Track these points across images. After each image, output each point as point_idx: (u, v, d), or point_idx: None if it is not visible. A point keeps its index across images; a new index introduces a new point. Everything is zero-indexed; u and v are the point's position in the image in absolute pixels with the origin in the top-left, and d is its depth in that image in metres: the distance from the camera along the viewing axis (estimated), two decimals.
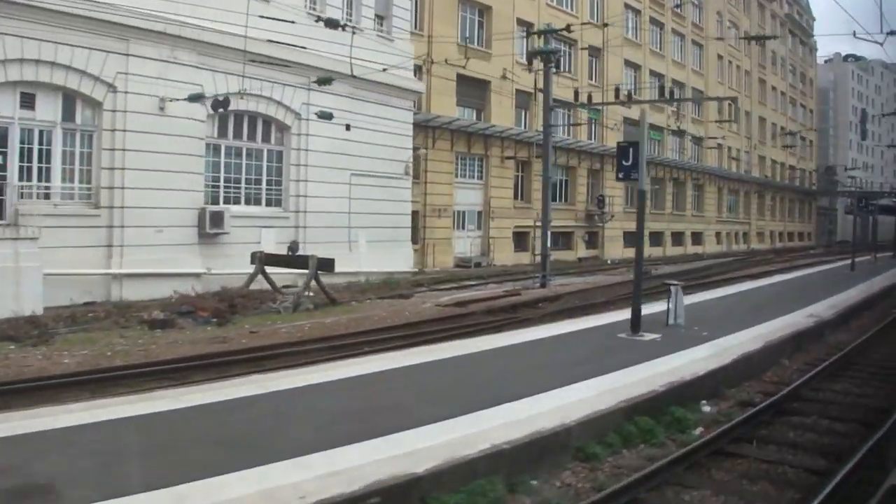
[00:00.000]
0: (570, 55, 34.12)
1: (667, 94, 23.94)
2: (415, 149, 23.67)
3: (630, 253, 36.27)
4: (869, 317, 15.80)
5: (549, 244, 21.69)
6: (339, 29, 13.87)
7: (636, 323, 10.73)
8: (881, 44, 14.04)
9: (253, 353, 11.13)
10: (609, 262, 31.78)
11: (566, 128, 33.24)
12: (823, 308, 14.83)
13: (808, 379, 9.48)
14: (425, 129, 25.99)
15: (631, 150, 10.84)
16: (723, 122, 39.68)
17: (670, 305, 11.62)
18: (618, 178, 11.36)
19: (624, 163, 10.88)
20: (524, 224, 30.46)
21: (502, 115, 29.23)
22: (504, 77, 28.95)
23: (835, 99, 78.38)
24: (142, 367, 10.34)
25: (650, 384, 7.82)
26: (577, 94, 21.16)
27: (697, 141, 45.16)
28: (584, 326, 12.10)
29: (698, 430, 7.43)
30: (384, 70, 16.90)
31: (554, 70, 22.31)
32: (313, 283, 16.21)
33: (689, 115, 43.80)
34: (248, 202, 19.55)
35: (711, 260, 37.50)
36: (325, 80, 14.76)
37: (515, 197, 30.77)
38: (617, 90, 20.72)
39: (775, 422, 7.86)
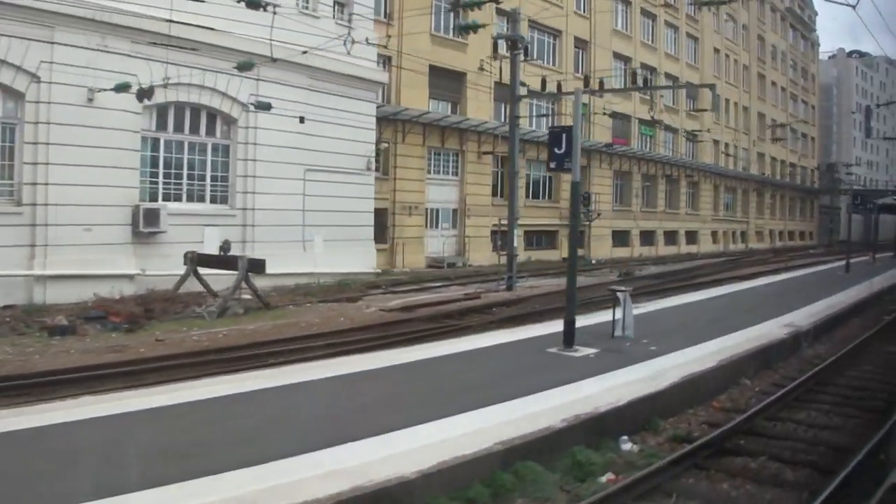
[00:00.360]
0: (553, 46, 32.39)
1: (649, 84, 22.13)
2: (378, 143, 22.07)
3: (621, 253, 34.58)
4: (857, 325, 14.02)
5: (515, 243, 19.99)
6: (261, 10, 12.29)
7: (570, 336, 9.08)
8: (853, 6, 12.21)
9: (138, 366, 9.64)
10: (594, 262, 30.03)
11: (548, 120, 31.50)
12: (804, 315, 13.09)
13: (766, 405, 7.82)
14: (394, 122, 24.42)
15: (564, 136, 9.18)
16: (702, 112, 37.59)
17: (617, 315, 9.95)
18: (549, 168, 9.71)
19: (556, 151, 9.23)
20: (504, 222, 28.75)
21: (480, 108, 27.58)
22: (481, 69, 27.28)
23: (838, 95, 75.78)
24: (6, 380, 8.89)
25: (551, 416, 6.18)
26: (544, 83, 19.45)
27: (692, 136, 43.12)
28: (520, 337, 10.48)
29: (605, 478, 5.79)
30: (305, 52, 15.32)
31: (524, 58, 20.58)
32: (249, 285, 14.68)
33: (683, 108, 41.81)
34: (189, 199, 18.05)
35: (703, 260, 35.62)
36: (245, 65, 13.26)
37: (494, 194, 29.10)
38: (586, 78, 19.05)
39: (711, 466, 6.21)
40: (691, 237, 43.55)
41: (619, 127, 35.34)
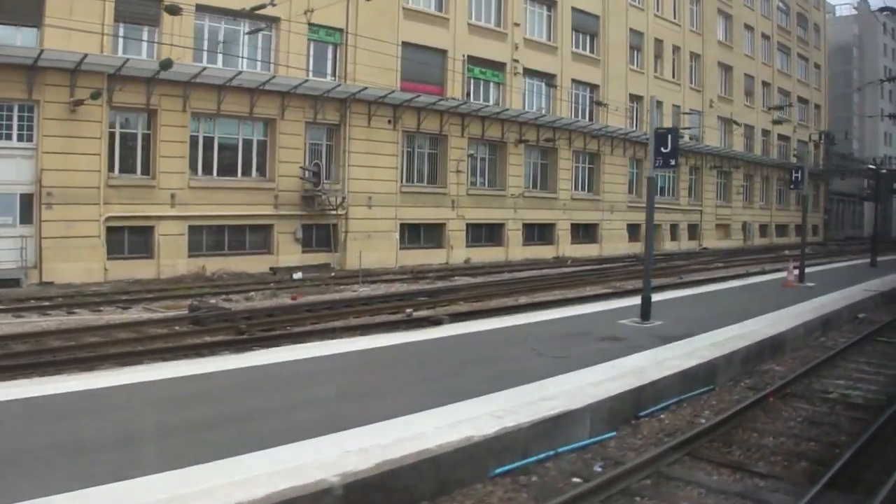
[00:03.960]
0: None
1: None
2: None
3: (427, 258, 23.48)
4: None
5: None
6: None
7: None
8: None
9: None
10: (296, 276, 18.56)
11: (256, 56, 20.38)
12: None
13: None
14: None
15: None
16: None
17: None
18: None
19: None
20: (133, 215, 17.89)
21: (78, 36, 16.63)
22: None
23: (860, 58, 60.66)
24: None
25: None
26: None
27: (586, 88, 30.81)
28: None
29: None
30: None
31: None
32: None
33: (565, 47, 29.43)
34: None
35: (547, 270, 23.94)
36: None
37: (131, 170, 18.24)
38: None
39: None
40: (588, 233, 31.05)
41: (425, 67, 23.64)
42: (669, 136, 10.79)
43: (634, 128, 33.56)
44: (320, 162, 20.61)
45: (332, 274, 19.41)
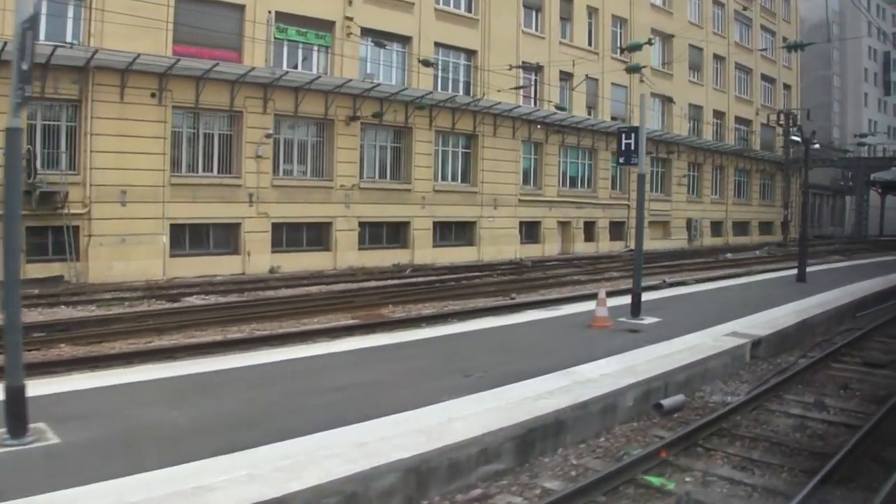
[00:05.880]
0: None
1: None
2: None
3: (211, 266, 20.39)
4: None
5: None
6: None
7: None
8: None
9: None
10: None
11: None
12: None
13: None
14: None
15: None
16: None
17: None
18: None
19: None
20: None
21: None
22: None
23: (842, 35, 57.14)
24: None
25: None
26: None
27: (459, 55, 27.52)
28: None
29: None
30: None
31: None
32: None
33: (423, 3, 26.16)
34: None
35: (369, 283, 20.79)
36: None
37: None
38: None
39: None
40: (463, 233, 27.79)
41: (212, 30, 20.43)
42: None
43: (534, 104, 30.30)
44: (33, 147, 17.43)
45: (37, 292, 16.12)
